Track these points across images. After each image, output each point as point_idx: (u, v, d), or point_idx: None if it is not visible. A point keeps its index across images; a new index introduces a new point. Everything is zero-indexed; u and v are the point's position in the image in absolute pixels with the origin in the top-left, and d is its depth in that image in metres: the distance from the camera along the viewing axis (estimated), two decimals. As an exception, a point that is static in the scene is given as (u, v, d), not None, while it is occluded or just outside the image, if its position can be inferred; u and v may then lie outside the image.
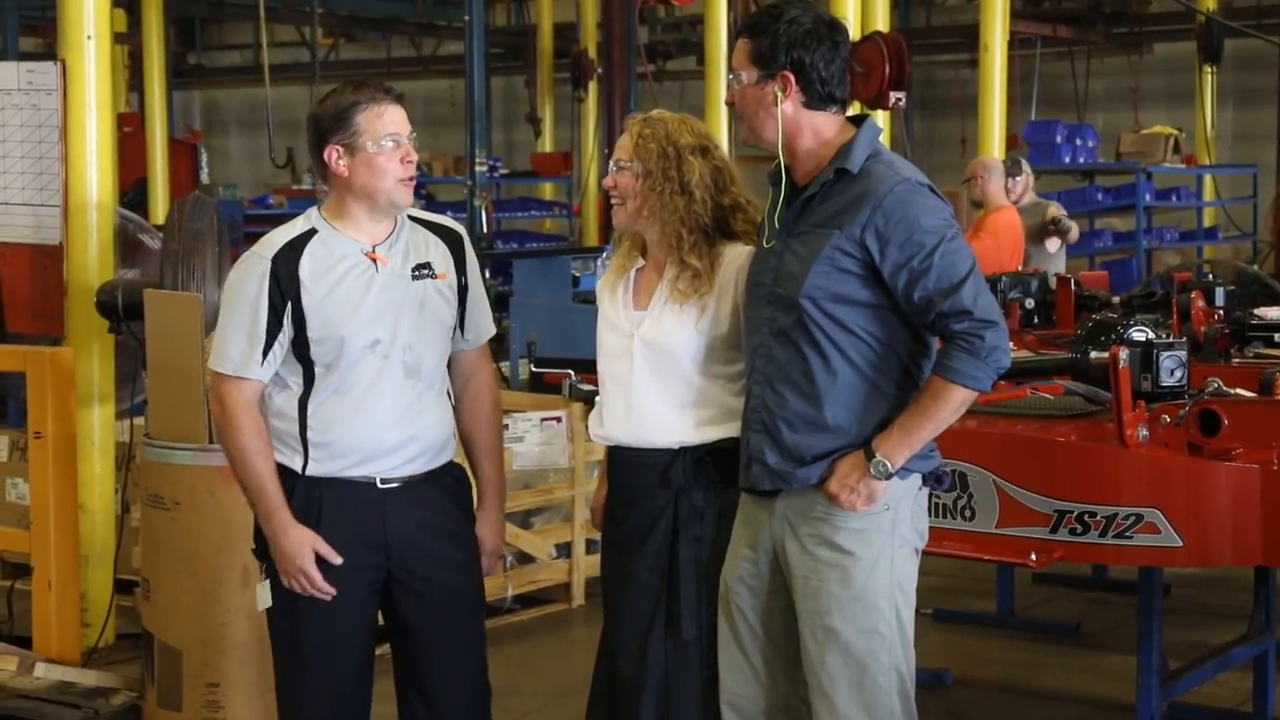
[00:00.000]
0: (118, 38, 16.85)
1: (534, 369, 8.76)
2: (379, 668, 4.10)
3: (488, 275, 12.77)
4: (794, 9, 3.73)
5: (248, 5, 17.09)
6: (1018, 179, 9.97)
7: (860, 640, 3.69)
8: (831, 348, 3.67)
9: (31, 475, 5.88)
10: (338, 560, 3.89)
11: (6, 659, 5.78)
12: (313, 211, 4.00)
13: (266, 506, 3.91)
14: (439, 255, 4.02)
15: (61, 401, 5.80)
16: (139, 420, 6.32)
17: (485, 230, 12.69)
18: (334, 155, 3.90)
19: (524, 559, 7.18)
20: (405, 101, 3.99)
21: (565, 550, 7.33)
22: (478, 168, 12.59)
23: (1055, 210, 10.17)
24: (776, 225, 3.77)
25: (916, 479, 3.75)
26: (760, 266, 3.81)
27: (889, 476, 3.65)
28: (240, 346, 3.89)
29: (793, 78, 3.70)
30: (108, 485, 6.60)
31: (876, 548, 3.69)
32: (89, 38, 6.40)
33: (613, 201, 4.00)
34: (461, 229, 4.14)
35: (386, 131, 3.88)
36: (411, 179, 3.94)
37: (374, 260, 3.93)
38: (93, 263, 6.43)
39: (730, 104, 3.86)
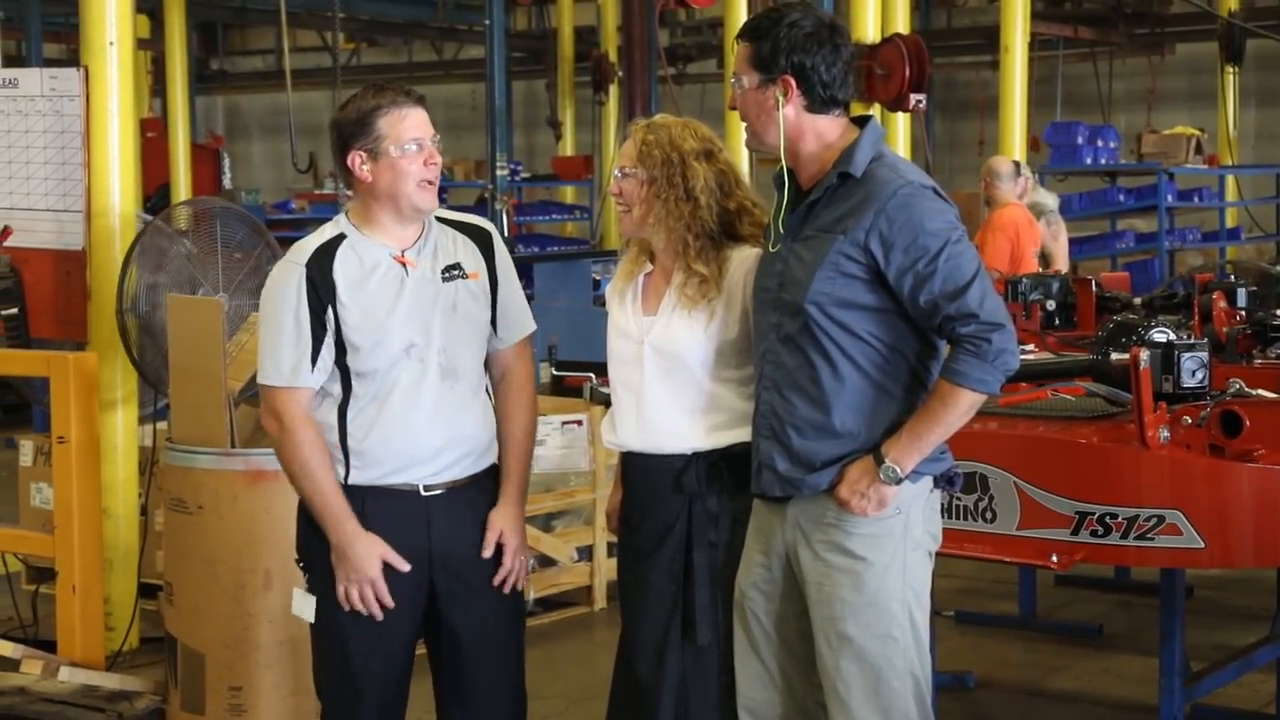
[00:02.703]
0: (140, 43, 16.89)
1: (555, 372, 8.78)
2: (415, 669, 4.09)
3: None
4: (794, 12, 3.71)
5: (270, 10, 17.13)
6: (1017, 180, 10.20)
7: (874, 645, 3.68)
8: (838, 353, 3.66)
9: (55, 480, 5.91)
10: (406, 567, 3.87)
11: (31, 663, 5.80)
12: (341, 217, 3.99)
13: (335, 516, 3.86)
14: (469, 255, 4.01)
15: (85, 406, 5.82)
16: (162, 425, 6.34)
17: (506, 234, 12.70)
18: (357, 161, 3.89)
19: (545, 562, 7.19)
20: (427, 104, 3.98)
21: (587, 553, 7.33)
22: (499, 171, 12.60)
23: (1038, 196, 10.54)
24: (781, 230, 3.77)
25: (928, 482, 3.74)
26: (766, 271, 3.81)
27: (899, 481, 3.64)
28: (289, 356, 3.86)
29: (794, 82, 3.69)
30: (131, 490, 6.63)
31: (889, 552, 3.69)
32: (111, 44, 6.43)
33: (619, 208, 3.99)
34: (491, 227, 4.12)
35: (410, 135, 3.87)
36: (434, 182, 3.92)
37: (404, 264, 3.92)
38: (116, 268, 6.45)
39: (734, 108, 3.86)
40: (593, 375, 7.26)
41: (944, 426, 3.65)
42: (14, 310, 6.75)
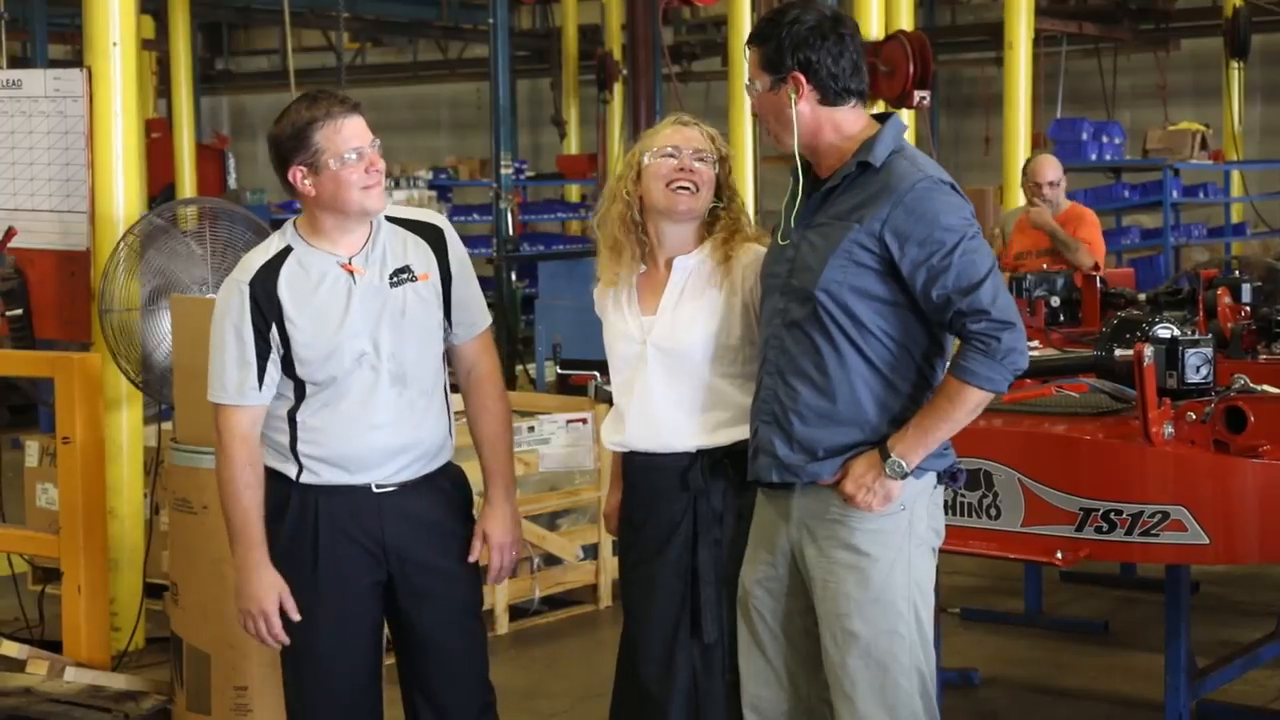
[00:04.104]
0: (145, 44, 16.94)
1: (559, 371, 8.78)
2: (390, 675, 4.10)
3: (514, 278, 12.79)
4: (794, 10, 3.73)
5: (274, 10, 17.13)
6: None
7: (880, 642, 3.68)
8: (845, 341, 3.66)
9: (61, 480, 5.91)
10: (297, 618, 3.90)
11: (37, 663, 5.81)
12: (288, 228, 3.97)
13: (246, 541, 3.90)
14: (419, 255, 3.98)
15: (90, 407, 5.82)
16: (166, 425, 6.34)
17: (511, 232, 12.70)
18: (298, 176, 3.86)
19: (550, 561, 7.19)
20: (363, 109, 3.93)
21: (592, 552, 7.33)
22: (503, 170, 12.59)
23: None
24: (793, 222, 3.78)
25: (931, 477, 3.75)
26: (775, 259, 3.82)
27: (904, 476, 3.64)
28: (233, 375, 3.88)
29: (803, 78, 3.70)
30: (136, 490, 6.64)
31: (893, 548, 3.69)
32: (115, 44, 6.43)
33: (680, 191, 3.99)
34: (442, 222, 4.08)
35: (349, 145, 3.83)
36: (376, 184, 3.88)
37: (350, 272, 3.91)
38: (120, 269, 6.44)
39: (755, 114, 3.88)
40: (597, 374, 7.25)
41: (950, 423, 3.65)
42: (19, 311, 6.76)
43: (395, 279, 3.94)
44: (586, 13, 20.05)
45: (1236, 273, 7.16)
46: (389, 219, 4.01)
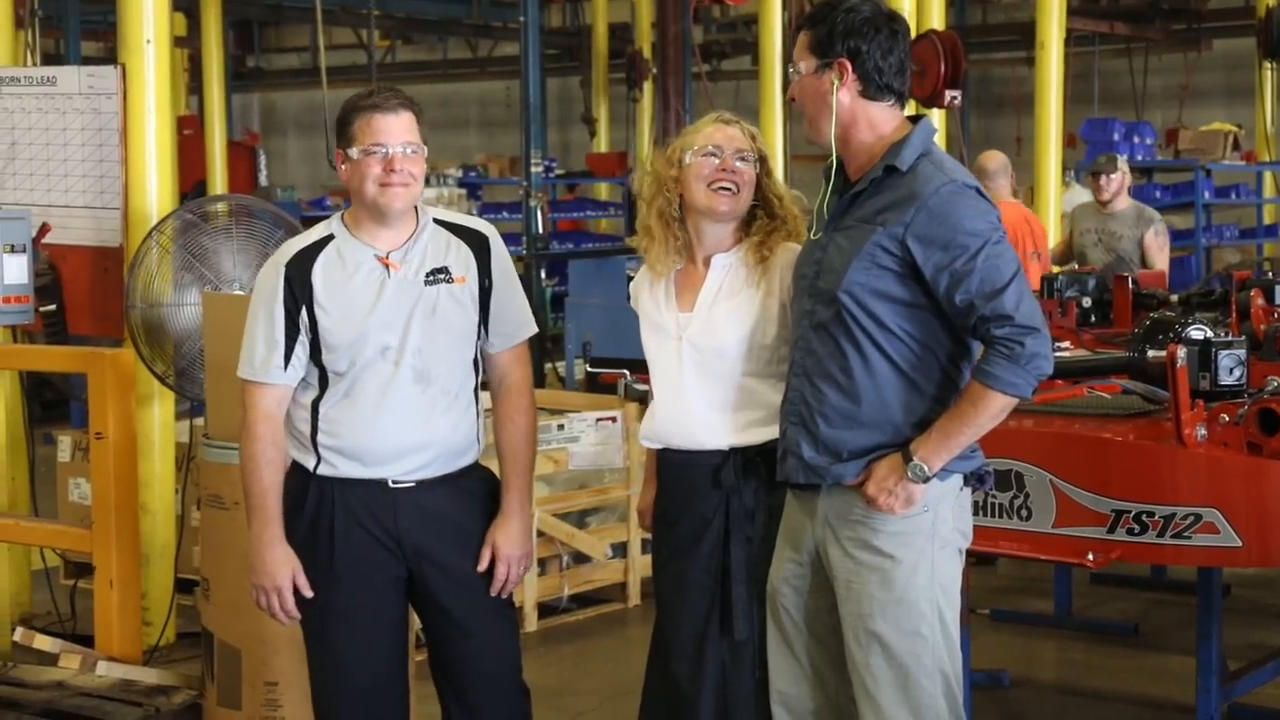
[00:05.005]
0: (177, 41, 17.01)
1: (589, 369, 8.79)
2: (419, 671, 4.11)
3: (543, 276, 12.80)
4: (852, 0, 3.73)
5: (305, 8, 17.19)
6: (1112, 176, 9.19)
7: (902, 643, 3.68)
8: (869, 344, 3.66)
9: (93, 475, 5.94)
10: (309, 594, 3.93)
11: (69, 657, 5.84)
12: (335, 218, 4.05)
13: (261, 518, 3.95)
14: (459, 259, 4.01)
15: (122, 402, 5.85)
16: (199, 421, 6.37)
17: (541, 231, 12.71)
18: (339, 158, 3.99)
19: (579, 559, 7.20)
20: (414, 108, 3.98)
21: (621, 550, 7.34)
22: (533, 168, 12.60)
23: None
24: (825, 217, 3.78)
25: (957, 480, 3.73)
26: (805, 259, 3.83)
27: (926, 480, 3.63)
28: (260, 352, 3.95)
29: (849, 65, 3.70)
30: (168, 485, 6.66)
31: (916, 550, 3.68)
32: (148, 42, 6.45)
33: (722, 191, 3.99)
34: (490, 231, 4.11)
35: (372, 140, 3.90)
36: (397, 186, 3.90)
37: (386, 265, 3.95)
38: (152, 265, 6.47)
39: (793, 99, 3.87)
40: (626, 372, 7.26)
41: (974, 428, 3.64)
42: (52, 306, 6.79)
43: (431, 278, 3.97)
44: (616, 11, 20.06)
45: (1270, 274, 7.13)
46: (437, 221, 4.06)
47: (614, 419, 7.16)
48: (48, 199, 6.74)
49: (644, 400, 4.19)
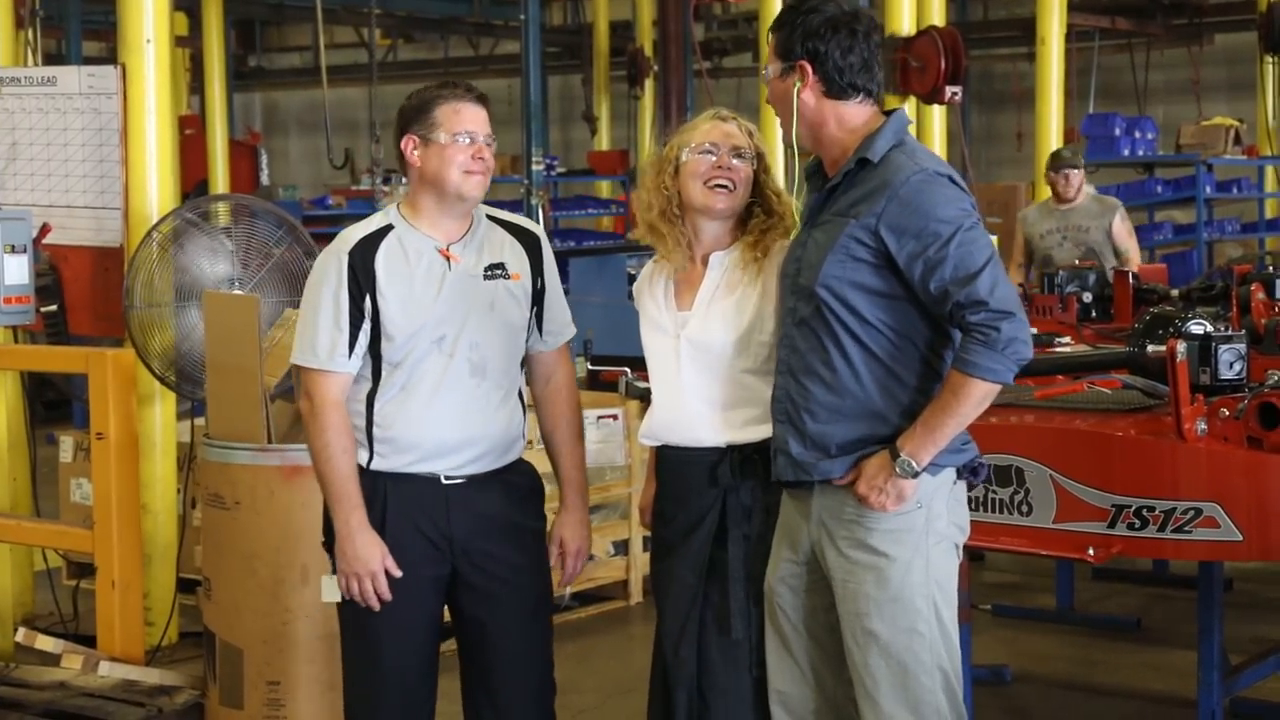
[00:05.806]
0: (179, 41, 17.00)
1: (590, 367, 8.78)
2: (443, 664, 4.12)
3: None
4: (814, 1, 3.75)
5: (307, 7, 17.18)
6: (1076, 171, 9.17)
7: (900, 640, 3.68)
8: (849, 337, 3.66)
9: (95, 476, 5.94)
10: (398, 573, 3.91)
11: (72, 657, 5.84)
12: (392, 209, 4.05)
13: (346, 505, 3.91)
14: (514, 256, 4.06)
15: (123, 402, 5.85)
16: (199, 421, 6.38)
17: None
18: (410, 145, 3.97)
19: (581, 556, 7.19)
20: (489, 104, 4.05)
21: (623, 548, 7.35)
22: (535, 166, 12.61)
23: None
24: (802, 221, 3.81)
25: (950, 474, 3.72)
26: (789, 257, 3.84)
27: (915, 475, 3.63)
28: (325, 340, 3.92)
29: (809, 67, 3.72)
30: (169, 485, 6.67)
31: (910, 547, 3.68)
32: (148, 41, 6.46)
33: (718, 189, 3.99)
34: (539, 230, 4.17)
35: (462, 128, 3.94)
36: (480, 174, 3.97)
37: (447, 258, 3.97)
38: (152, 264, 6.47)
39: (770, 102, 3.89)
40: (628, 370, 7.26)
41: (957, 418, 3.62)
42: (53, 307, 6.80)
43: (489, 272, 4.00)
44: (618, 9, 20.05)
45: (1270, 268, 7.13)
46: (490, 218, 4.09)
47: (615, 417, 7.16)
48: (48, 199, 6.75)
49: (645, 398, 4.19)
